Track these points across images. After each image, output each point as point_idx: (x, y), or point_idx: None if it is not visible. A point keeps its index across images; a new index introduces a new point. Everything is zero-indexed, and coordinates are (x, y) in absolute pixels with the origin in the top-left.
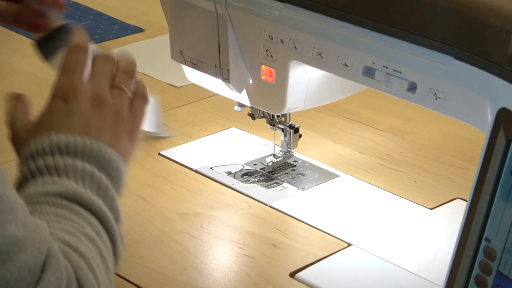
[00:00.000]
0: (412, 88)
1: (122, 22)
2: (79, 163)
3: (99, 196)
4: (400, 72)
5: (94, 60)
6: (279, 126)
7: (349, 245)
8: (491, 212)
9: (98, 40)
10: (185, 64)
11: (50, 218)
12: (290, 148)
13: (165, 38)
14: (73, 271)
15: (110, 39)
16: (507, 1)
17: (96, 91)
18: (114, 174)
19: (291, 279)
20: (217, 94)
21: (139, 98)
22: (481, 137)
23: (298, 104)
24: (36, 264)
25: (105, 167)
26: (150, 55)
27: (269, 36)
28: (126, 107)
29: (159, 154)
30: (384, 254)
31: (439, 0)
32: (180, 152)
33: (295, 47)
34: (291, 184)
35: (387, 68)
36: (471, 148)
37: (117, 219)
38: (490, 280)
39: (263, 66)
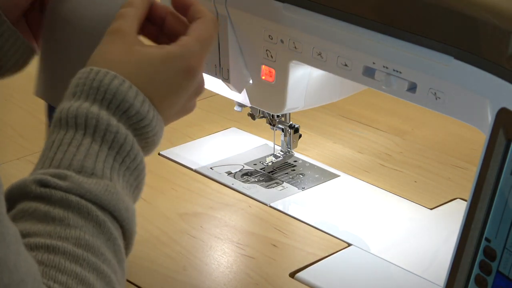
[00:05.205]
0: (412, 88)
1: None
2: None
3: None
4: (400, 72)
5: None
6: (279, 126)
7: (349, 245)
8: (491, 212)
9: None
10: None
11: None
12: (290, 148)
13: None
14: None
15: None
16: (507, 1)
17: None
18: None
19: (291, 279)
20: (217, 94)
21: None
22: (481, 137)
23: (298, 104)
24: None
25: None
26: None
27: (269, 36)
28: None
29: (159, 154)
30: (384, 254)
31: (439, 0)
32: (180, 152)
33: (295, 47)
34: (291, 184)
35: (387, 68)
36: (471, 148)
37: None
38: (490, 280)
39: (263, 66)
